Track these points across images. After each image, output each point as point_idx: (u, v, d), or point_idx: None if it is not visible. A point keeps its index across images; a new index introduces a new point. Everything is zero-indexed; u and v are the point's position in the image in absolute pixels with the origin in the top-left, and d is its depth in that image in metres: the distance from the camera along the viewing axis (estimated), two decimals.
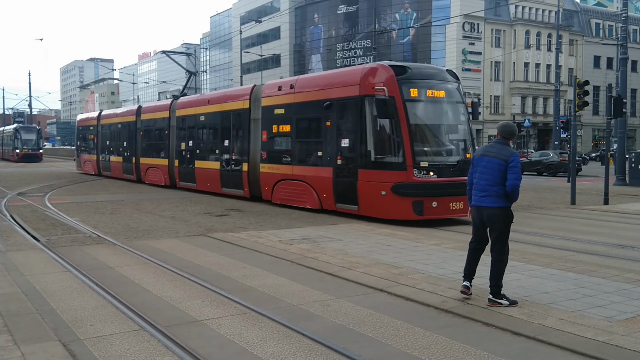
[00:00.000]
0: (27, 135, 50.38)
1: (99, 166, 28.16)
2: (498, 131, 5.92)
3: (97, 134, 28.47)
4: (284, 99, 14.76)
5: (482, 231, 5.87)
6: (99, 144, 28.11)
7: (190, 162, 19.41)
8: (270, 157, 15.19)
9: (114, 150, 26.41)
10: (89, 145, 29.85)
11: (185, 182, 19.87)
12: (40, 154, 50.84)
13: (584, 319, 5.14)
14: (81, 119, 33.20)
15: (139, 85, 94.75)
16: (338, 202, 12.72)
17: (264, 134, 15.42)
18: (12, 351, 4.36)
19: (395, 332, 4.91)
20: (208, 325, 5.07)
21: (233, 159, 16.94)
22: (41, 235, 9.98)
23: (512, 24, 64.30)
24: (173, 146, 20.80)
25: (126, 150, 24.90)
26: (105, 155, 27.40)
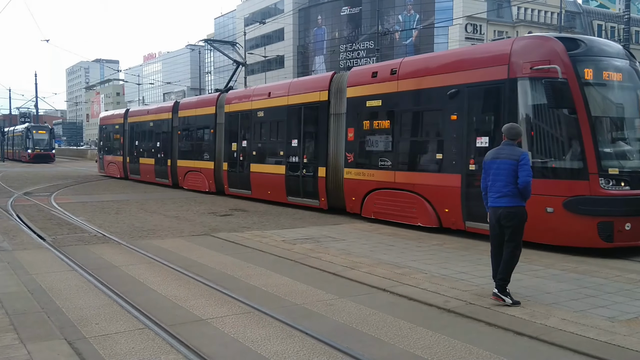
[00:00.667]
0: (39, 135, 48.65)
1: (125, 169, 25.78)
2: (504, 134, 6.06)
3: (123, 134, 26.00)
4: (381, 88, 11.82)
5: (499, 233, 5.96)
6: (126, 145, 25.76)
7: (244, 165, 16.71)
8: (359, 160, 12.36)
9: (145, 152, 23.85)
10: (114, 145, 27.31)
11: (236, 188, 17.22)
12: (52, 155, 49.33)
13: (586, 319, 5.15)
14: (105, 117, 30.12)
15: (144, 86, 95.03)
16: (469, 220, 9.79)
17: (351, 131, 12.62)
18: (18, 349, 4.40)
19: (398, 331, 4.93)
20: (212, 324, 5.10)
21: (305, 162, 14.14)
22: (47, 235, 10.04)
23: (515, 26, 64.21)
24: (220, 147, 18.10)
25: (160, 152, 22.36)
26: (133, 157, 24.95)
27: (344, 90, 13.03)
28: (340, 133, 13.08)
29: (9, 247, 8.87)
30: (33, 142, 47.95)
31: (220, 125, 18.24)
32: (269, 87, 16.67)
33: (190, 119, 20.46)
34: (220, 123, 18.23)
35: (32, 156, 47.14)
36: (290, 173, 14.65)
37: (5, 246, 8.97)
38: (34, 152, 47.52)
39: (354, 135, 12.56)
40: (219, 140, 18.31)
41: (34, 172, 32.49)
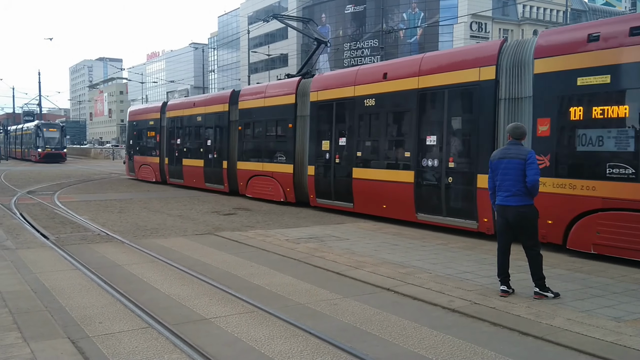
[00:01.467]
0: (49, 133, 46.33)
1: (163, 171, 22.37)
2: (509, 133, 6.15)
3: (160, 130, 22.62)
4: (604, 57, 7.96)
5: (507, 231, 6.03)
6: (164, 143, 22.31)
7: (343, 169, 12.91)
8: (566, 165, 8.46)
9: (190, 151, 20.33)
10: (148, 144, 23.97)
11: (329, 199, 13.47)
12: (64, 154, 46.93)
13: (592, 319, 5.12)
14: (136, 112, 26.11)
15: (148, 85, 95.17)
16: None
17: (544, 123, 8.62)
18: (21, 348, 4.40)
19: (403, 331, 4.91)
20: (215, 324, 5.09)
21: (451, 167, 10.26)
22: (50, 233, 10.05)
23: (520, 24, 64.06)
24: (303, 145, 14.57)
25: (211, 151, 18.82)
26: (174, 158, 21.35)
27: (525, 65, 9.13)
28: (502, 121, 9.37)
29: (13, 246, 8.88)
30: (43, 140, 45.67)
31: (303, 118, 14.56)
32: (382, 67, 12.87)
33: (256, 111, 16.46)
34: (303, 116, 14.58)
35: (43, 155, 44.91)
36: (423, 181, 10.88)
37: (8, 245, 8.98)
38: (45, 151, 45.25)
39: (549, 129, 8.54)
40: (300, 137, 14.68)
41: (37, 170, 32.56)
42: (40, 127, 46.30)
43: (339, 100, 13.18)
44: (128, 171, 26.04)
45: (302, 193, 14.69)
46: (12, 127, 59.52)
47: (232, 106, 17.76)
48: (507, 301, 5.71)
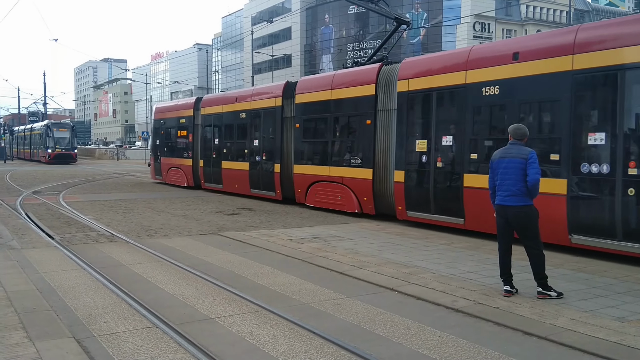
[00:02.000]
0: (60, 133, 44.64)
1: (197, 175, 20.14)
2: (510, 134, 6.16)
3: (194, 129, 20.34)
4: None
5: (507, 230, 6.05)
6: (199, 144, 20.03)
7: (449, 175, 10.49)
8: None
9: (232, 153, 17.82)
10: (178, 145, 21.57)
11: (426, 211, 10.86)
12: (74, 155, 45.27)
13: (595, 319, 5.12)
14: (163, 109, 23.65)
15: (152, 86, 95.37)
16: None
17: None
18: (27, 347, 4.42)
19: (406, 331, 4.92)
20: (220, 323, 5.11)
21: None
22: (56, 233, 10.09)
23: (523, 24, 63.97)
24: (386, 146, 12.17)
25: (259, 153, 16.29)
26: (211, 160, 18.88)
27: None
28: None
29: (18, 246, 8.92)
30: (53, 140, 44.02)
31: (387, 112, 12.17)
32: (509, 44, 10.15)
33: (319, 105, 13.98)
34: (387, 110, 12.17)
35: (53, 156, 43.25)
36: (581, 192, 8.33)
37: (14, 244, 9.03)
38: (55, 152, 43.59)
39: None
40: (382, 135, 12.28)
41: (42, 171, 32.67)
42: (50, 127, 44.76)
43: (441, 89, 10.60)
44: (154, 174, 23.74)
45: (384, 203, 12.21)
46: (20, 127, 58.39)
47: (287, 100, 15.34)
48: (510, 301, 5.72)
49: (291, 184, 15.10)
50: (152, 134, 24.84)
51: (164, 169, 22.59)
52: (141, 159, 52.59)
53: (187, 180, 20.73)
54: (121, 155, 61.17)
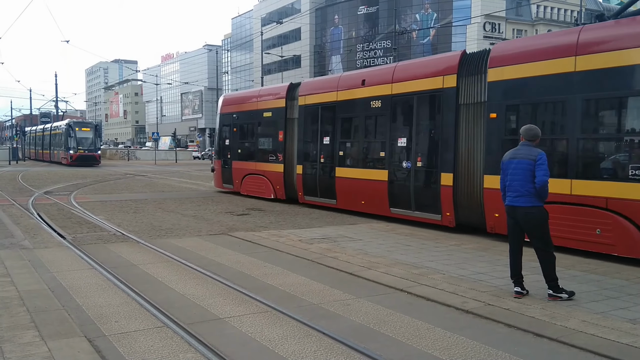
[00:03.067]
0: (82, 133, 41.20)
1: (291, 185, 15.58)
2: (522, 135, 6.17)
3: (286, 125, 15.72)
4: None
5: (517, 231, 6.06)
6: (294, 144, 15.48)
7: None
8: None
9: (352, 156, 13.40)
10: (260, 145, 17.01)
11: None
12: (98, 156, 41.98)
13: (607, 321, 5.08)
14: (234, 100, 19.34)
15: (162, 87, 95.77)
16: None
17: None
18: (39, 346, 4.46)
19: (416, 332, 4.91)
20: (230, 323, 5.12)
21: None
22: (67, 233, 10.17)
23: (534, 24, 63.62)
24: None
25: (408, 157, 11.50)
26: (318, 166, 14.24)
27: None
28: None
29: (30, 246, 9.00)
30: (76, 141, 40.53)
31: None
32: None
33: (546, 83, 8.80)
34: None
35: (75, 158, 39.89)
36: None
37: (26, 244, 9.11)
38: (77, 153, 40.13)
39: None
40: None
41: (54, 171, 32.91)
42: (72, 126, 41.30)
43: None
44: (220, 182, 19.29)
45: None
46: (38, 126, 55.11)
47: (465, 79, 10.45)
48: (521, 302, 5.69)
49: (474, 204, 10.17)
50: (218, 132, 19.61)
51: (237, 176, 18.04)
52: (151, 159, 52.84)
53: (274, 192, 16.17)
54: (132, 155, 61.52)
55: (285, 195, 15.86)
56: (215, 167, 19.89)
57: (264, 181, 16.77)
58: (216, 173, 19.77)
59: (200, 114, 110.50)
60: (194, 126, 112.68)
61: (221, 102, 19.59)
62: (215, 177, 20.02)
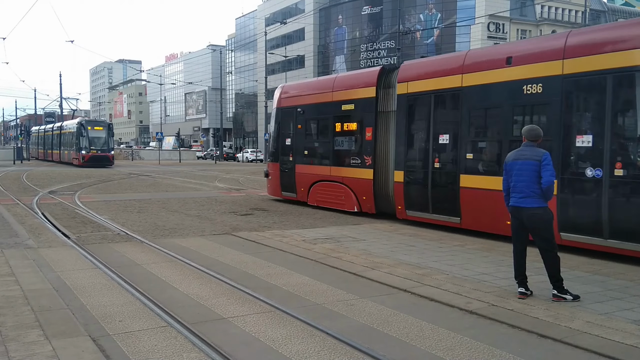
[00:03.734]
0: (95, 132, 39.65)
1: (383, 196, 12.55)
2: (524, 135, 6.14)
3: (376, 120, 12.61)
4: None
5: (521, 232, 6.04)
6: (390, 144, 12.28)
7: None
8: None
9: (490, 158, 10.19)
10: (337, 145, 13.92)
11: None
12: (111, 157, 40.55)
13: (611, 322, 5.07)
14: (297, 90, 16.03)
15: (166, 87, 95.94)
16: None
17: None
18: (43, 346, 4.47)
19: (420, 332, 4.90)
20: (233, 323, 5.12)
21: None
22: (71, 233, 10.19)
23: (538, 24, 63.47)
24: None
25: (599, 160, 8.04)
26: (428, 173, 11.06)
27: None
28: None
29: (35, 245, 9.03)
30: (88, 140, 38.96)
31: None
32: None
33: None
34: None
35: (87, 158, 38.40)
36: None
37: (30, 244, 9.14)
38: (90, 154, 38.65)
39: None
40: None
41: (58, 171, 32.99)
42: (84, 125, 39.67)
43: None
44: (277, 189, 16.22)
45: None
46: (47, 126, 53.42)
47: None
48: (525, 303, 5.68)
49: None
50: (275, 129, 16.38)
51: (303, 183, 15.06)
52: (155, 159, 52.93)
53: (358, 203, 13.17)
54: (136, 155, 61.66)
55: (376, 208, 12.76)
56: (271, 171, 16.57)
57: (344, 190, 13.54)
58: (272, 179, 16.48)
59: (204, 114, 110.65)
60: (198, 126, 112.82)
61: (279, 94, 16.25)
62: (270, 183, 16.71)
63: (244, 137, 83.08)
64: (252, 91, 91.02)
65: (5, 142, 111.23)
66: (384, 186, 12.49)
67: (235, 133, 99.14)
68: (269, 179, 16.82)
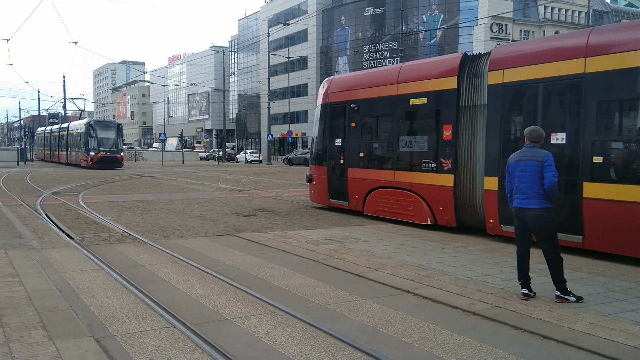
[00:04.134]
0: (104, 133, 38.53)
1: (470, 207, 10.39)
2: (526, 136, 6.14)
3: (456, 115, 10.55)
4: None
5: (525, 233, 6.04)
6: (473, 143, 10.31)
7: None
8: None
9: (631, 164, 8.01)
10: (399, 146, 11.95)
11: None
12: (120, 158, 39.59)
13: (614, 323, 5.06)
14: (349, 84, 13.95)
15: (169, 88, 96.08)
16: None
17: None
18: (47, 346, 4.48)
19: (423, 333, 4.90)
20: (236, 324, 5.13)
21: None
22: (75, 234, 10.22)
23: (541, 25, 63.42)
24: None
25: None
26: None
27: None
28: None
29: (39, 246, 9.05)
30: (97, 141, 37.92)
31: None
32: None
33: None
34: None
35: (96, 160, 37.39)
36: None
37: (34, 245, 9.16)
38: (98, 155, 37.56)
39: None
40: None
41: (62, 172, 33.05)
42: (93, 126, 38.50)
43: None
44: (324, 196, 14.30)
45: None
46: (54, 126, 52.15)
47: None
48: (528, 304, 5.67)
49: None
50: (321, 128, 14.65)
51: (357, 189, 13.11)
52: (158, 160, 52.97)
53: (432, 215, 11.12)
54: (139, 156, 61.77)
55: (457, 221, 10.64)
56: (315, 175, 14.66)
57: (413, 199, 11.51)
58: (317, 184, 14.57)
59: (207, 115, 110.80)
60: (201, 127, 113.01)
61: (325, 89, 14.40)
62: (315, 189, 14.75)
63: (247, 138, 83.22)
64: (255, 92, 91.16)
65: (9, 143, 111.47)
66: (468, 195, 10.37)
67: (238, 134, 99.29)
68: (313, 184, 14.81)
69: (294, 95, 75.86)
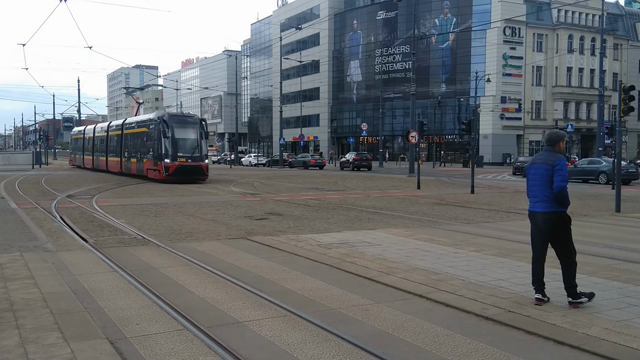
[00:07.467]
0: (182, 132, 26.99)
1: None
2: (544, 140, 6.21)
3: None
4: None
5: (539, 237, 6.00)
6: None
7: None
8: None
9: None
10: None
11: None
12: (205, 167, 27.48)
13: (629, 329, 5.01)
14: None
15: (182, 92, 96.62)
16: None
17: None
18: (62, 348, 4.53)
19: (435, 338, 4.89)
20: (249, 327, 5.15)
21: None
22: (89, 236, 10.31)
23: (555, 28, 63.01)
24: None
25: None
26: None
27: None
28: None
29: (54, 248, 9.14)
30: (173, 144, 26.51)
31: None
32: None
33: None
34: None
35: (173, 170, 26.19)
36: None
37: (49, 247, 9.26)
38: (176, 164, 26.23)
39: None
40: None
41: (76, 175, 33.27)
42: (168, 122, 26.78)
43: None
44: None
45: None
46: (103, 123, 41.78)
47: None
48: (542, 310, 5.64)
49: None
50: None
51: None
52: None
53: None
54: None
55: None
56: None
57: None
58: None
59: (219, 118, 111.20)
60: (213, 131, 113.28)
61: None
62: None
63: (259, 141, 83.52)
64: (267, 96, 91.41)
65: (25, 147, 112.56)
66: None
67: (250, 138, 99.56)
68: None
69: (305, 99, 76.00)
